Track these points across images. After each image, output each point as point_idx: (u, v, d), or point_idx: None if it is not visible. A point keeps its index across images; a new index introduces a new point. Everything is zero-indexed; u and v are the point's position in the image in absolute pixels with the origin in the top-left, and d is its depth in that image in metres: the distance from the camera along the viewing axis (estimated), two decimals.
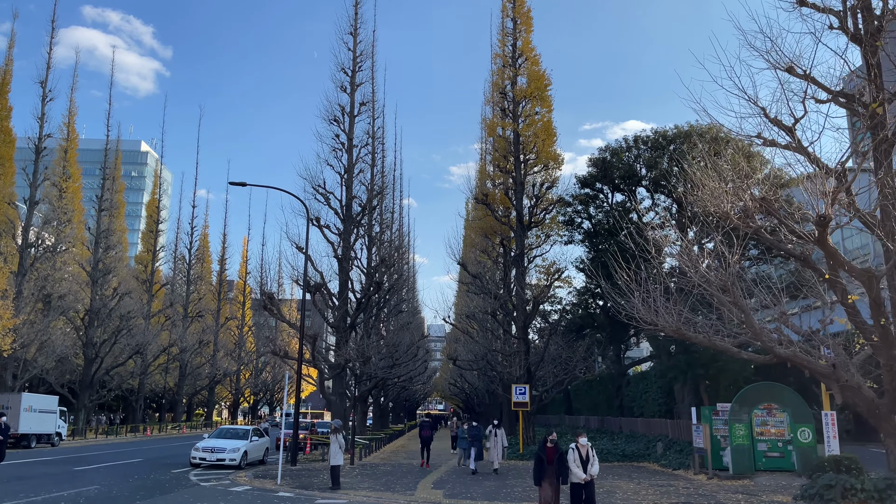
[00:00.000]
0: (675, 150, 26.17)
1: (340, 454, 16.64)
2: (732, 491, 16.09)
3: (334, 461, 16.44)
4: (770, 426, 20.21)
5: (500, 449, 19.83)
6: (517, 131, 30.99)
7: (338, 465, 16.43)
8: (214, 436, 24.02)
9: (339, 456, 16.56)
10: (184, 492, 15.67)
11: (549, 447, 11.86)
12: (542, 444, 12.01)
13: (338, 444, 16.52)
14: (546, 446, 11.91)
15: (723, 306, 15.34)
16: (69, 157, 50.48)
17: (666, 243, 15.90)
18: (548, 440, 11.95)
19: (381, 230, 38.68)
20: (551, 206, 30.91)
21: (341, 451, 16.64)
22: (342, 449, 16.77)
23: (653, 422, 27.51)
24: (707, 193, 15.89)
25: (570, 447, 11.58)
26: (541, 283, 30.75)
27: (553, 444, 11.86)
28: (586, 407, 42.67)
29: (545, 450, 11.88)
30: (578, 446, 11.49)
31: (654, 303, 16.48)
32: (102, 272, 45.76)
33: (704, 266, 14.23)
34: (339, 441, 16.65)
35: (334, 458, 16.46)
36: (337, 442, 16.54)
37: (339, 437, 16.74)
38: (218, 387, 70.57)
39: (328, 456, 17.45)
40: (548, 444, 11.89)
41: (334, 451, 16.47)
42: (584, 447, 11.49)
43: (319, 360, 26.85)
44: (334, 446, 16.47)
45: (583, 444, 11.51)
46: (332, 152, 30.77)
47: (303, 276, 23.99)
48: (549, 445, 11.87)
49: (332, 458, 16.50)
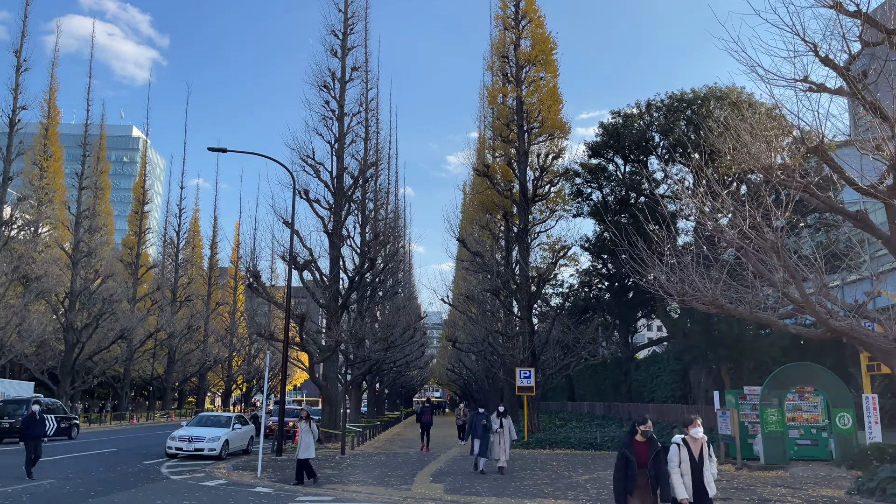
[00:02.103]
0: (692, 115, 24.16)
1: (312, 445, 14.46)
2: (770, 483, 14.25)
3: (304, 453, 14.22)
4: (803, 411, 18.44)
5: (507, 442, 16.31)
6: (520, 97, 28.90)
7: (307, 459, 14.22)
8: (193, 424, 22.13)
9: (310, 447, 14.39)
10: (148, 487, 13.77)
11: (640, 442, 7.25)
12: (628, 437, 7.36)
13: (309, 433, 14.43)
14: (634, 440, 7.27)
15: (761, 277, 13.44)
16: (50, 134, 48.38)
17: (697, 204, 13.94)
18: (638, 430, 7.26)
19: (375, 208, 36.68)
20: (557, 178, 28.90)
21: (313, 441, 14.55)
22: (315, 438, 14.75)
23: (666, 407, 25.72)
24: (743, 148, 13.94)
25: (675, 441, 7.28)
26: (545, 261, 28.85)
27: (647, 438, 7.25)
28: (590, 393, 40.92)
29: (633, 445, 7.24)
30: (689, 440, 7.22)
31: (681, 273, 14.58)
32: (84, 253, 43.59)
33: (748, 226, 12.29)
34: (312, 430, 14.55)
35: (305, 449, 14.31)
36: (309, 431, 14.44)
37: (312, 425, 14.61)
38: (210, 374, 68.68)
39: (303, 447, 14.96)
40: (637, 438, 7.25)
41: (305, 441, 14.34)
42: (697, 442, 7.22)
43: (308, 343, 24.92)
44: (305, 437, 14.37)
45: (696, 437, 7.21)
46: (322, 121, 28.62)
47: (289, 250, 22.00)
48: (639, 439, 7.25)
49: (300, 450, 14.34)
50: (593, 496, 12.45)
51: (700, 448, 7.24)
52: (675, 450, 7.23)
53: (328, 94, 28.64)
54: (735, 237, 12.24)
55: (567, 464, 18.42)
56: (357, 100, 30.35)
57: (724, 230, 12.70)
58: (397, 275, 46.17)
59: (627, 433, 7.46)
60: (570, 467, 17.49)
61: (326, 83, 28.68)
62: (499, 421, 16.35)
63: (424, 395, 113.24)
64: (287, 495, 12.58)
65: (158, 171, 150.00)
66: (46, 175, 47.99)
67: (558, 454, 21.52)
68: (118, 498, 12.23)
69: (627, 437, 7.39)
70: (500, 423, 16.34)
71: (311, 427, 14.59)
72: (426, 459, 19.79)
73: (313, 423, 14.81)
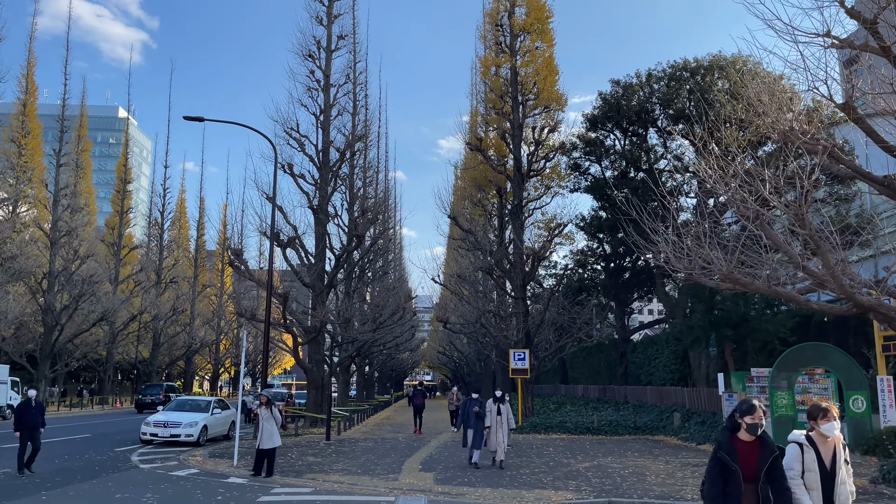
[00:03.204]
0: (694, 86, 22.98)
1: (276, 433, 12.78)
2: None
3: (266, 443, 12.54)
4: (812, 394, 17.44)
5: (505, 431, 14.05)
6: (515, 68, 27.64)
7: (272, 449, 12.62)
8: (170, 408, 21.01)
9: (273, 436, 12.68)
10: (111, 477, 12.65)
11: (746, 441, 4.78)
12: (728, 432, 4.86)
13: (272, 420, 12.86)
14: (735, 438, 4.81)
15: (778, 250, 12.38)
16: (28, 111, 46.70)
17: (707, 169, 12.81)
18: (742, 423, 4.77)
19: (363, 185, 35.44)
20: (553, 152, 27.73)
21: (276, 428, 12.95)
22: (279, 425, 13.19)
23: (665, 390, 24.79)
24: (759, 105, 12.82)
25: (796, 440, 5.00)
26: (540, 239, 27.75)
27: (757, 436, 4.75)
28: (584, 376, 40.05)
29: (734, 446, 4.76)
30: (817, 439, 4.97)
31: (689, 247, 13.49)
32: (63, 232, 42.13)
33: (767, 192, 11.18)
34: (275, 416, 13.00)
35: (267, 438, 12.59)
36: (271, 418, 12.87)
37: (274, 411, 13.05)
38: (197, 357, 67.53)
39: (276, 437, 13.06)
40: (741, 435, 4.79)
41: (267, 430, 12.71)
42: (828, 442, 4.96)
43: (292, 323, 23.78)
44: (267, 424, 12.77)
45: (828, 435, 4.95)
46: (307, 92, 27.28)
47: (270, 224, 20.77)
48: (743, 437, 4.78)
49: (261, 440, 12.56)
50: (596, 487, 11.43)
51: (833, 451, 4.97)
52: (796, 453, 4.93)
53: (313, 63, 27.31)
54: (754, 204, 11.14)
55: (565, 450, 17.44)
56: (343, 70, 29.01)
57: (743, 197, 11.59)
58: (387, 256, 45.06)
59: (726, 429, 4.90)
60: (567, 453, 16.51)
61: (311, 52, 27.33)
62: (496, 407, 14.03)
63: (416, 378, 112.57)
64: (261, 487, 11.49)
65: (146, 153, 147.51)
66: (25, 152, 46.35)
67: (554, 439, 20.56)
68: (74, 490, 11.11)
69: (726, 434, 4.86)
70: (497, 409, 14.03)
71: (274, 413, 13.07)
72: (415, 445, 18.77)
73: (276, 408, 13.34)
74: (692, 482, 11.84)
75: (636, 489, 11.20)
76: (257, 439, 12.85)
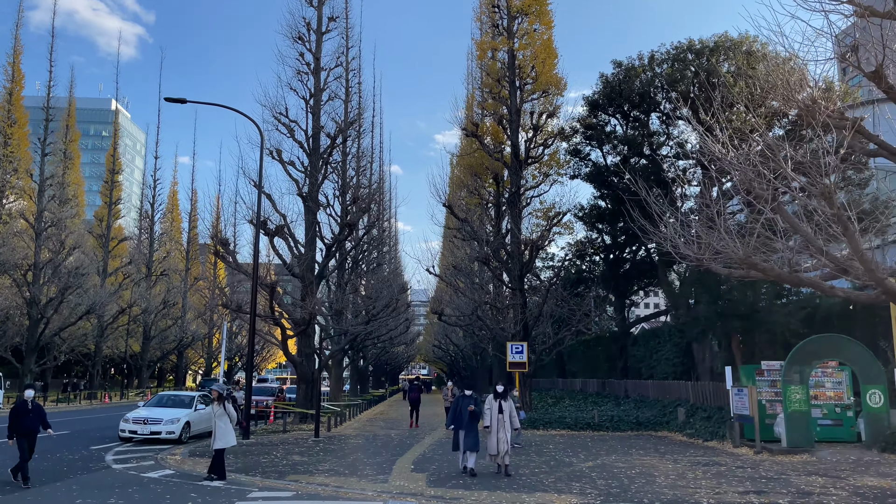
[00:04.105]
0: (697, 70, 22.03)
1: (230, 432, 11.56)
2: (801, 471, 12.42)
3: (219, 442, 11.43)
4: (826, 388, 16.63)
5: (508, 433, 11.99)
6: (512, 51, 26.66)
7: (222, 449, 11.50)
8: (152, 403, 20.05)
9: (227, 435, 11.46)
10: (79, 479, 11.72)
11: None
12: None
13: (225, 417, 11.61)
14: None
15: (797, 232, 11.48)
16: (14, 99, 45.53)
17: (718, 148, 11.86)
18: None
19: (356, 174, 34.41)
20: (551, 139, 26.77)
21: (231, 425, 11.74)
22: (234, 422, 11.91)
23: (668, 384, 23.91)
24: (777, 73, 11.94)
25: None
26: (539, 229, 26.83)
27: None
28: (582, 369, 39.15)
29: None
30: None
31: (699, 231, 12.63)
32: (48, 223, 41.03)
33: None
34: (229, 413, 11.75)
35: (221, 438, 11.43)
36: (225, 415, 11.62)
37: (228, 407, 11.78)
38: (189, 352, 66.47)
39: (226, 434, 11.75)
40: None
41: (221, 428, 11.56)
42: None
43: (281, 315, 22.82)
44: (220, 422, 11.54)
45: None
46: (297, 76, 26.19)
47: (256, 211, 19.78)
48: None
49: (216, 439, 11.48)
50: (602, 489, 10.54)
51: None
52: None
53: (303, 45, 26.26)
54: (775, 181, 10.24)
55: (565, 447, 16.56)
56: (335, 53, 27.90)
57: (761, 173, 10.67)
58: (381, 248, 44.08)
59: None
60: (569, 451, 15.63)
61: (301, 34, 26.27)
62: (497, 404, 12.12)
63: (412, 372, 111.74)
64: (238, 492, 10.56)
65: (139, 146, 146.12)
66: (11, 142, 45.22)
67: (554, 436, 19.68)
68: (33, 495, 10.17)
69: None
70: (498, 406, 12.12)
71: (228, 409, 11.65)
72: (408, 443, 17.86)
73: (230, 404, 12.05)
74: (705, 484, 10.95)
75: (646, 492, 10.31)
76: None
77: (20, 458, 10.97)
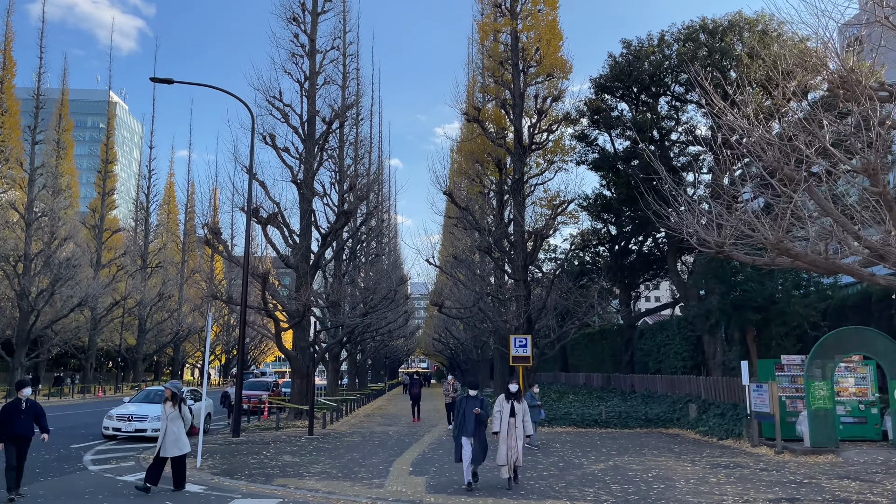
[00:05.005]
0: (714, 46, 21.01)
1: (183, 438, 9.97)
2: (830, 473, 11.49)
3: (170, 449, 9.83)
4: (849, 384, 15.69)
5: (520, 438, 10.34)
6: (516, 32, 25.60)
7: (180, 458, 9.97)
8: (138, 399, 19.14)
9: (179, 441, 9.89)
10: (49, 483, 10.81)
11: None
12: None
13: (179, 420, 10.11)
14: None
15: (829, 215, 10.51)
16: (6, 87, 44.43)
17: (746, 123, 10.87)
18: None
19: (354, 162, 33.40)
20: (556, 124, 25.75)
21: (184, 430, 10.06)
22: (188, 426, 10.14)
23: (678, 379, 22.98)
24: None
25: None
26: (543, 218, 25.85)
27: None
28: (586, 363, 38.24)
29: None
30: None
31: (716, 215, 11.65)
32: (39, 213, 40.06)
33: None
34: (184, 415, 10.05)
35: (171, 444, 9.84)
36: (179, 418, 10.11)
37: (182, 408, 10.25)
38: (186, 345, 65.62)
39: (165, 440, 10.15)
40: None
41: (172, 433, 9.88)
42: None
43: (275, 307, 21.86)
44: (171, 426, 10.04)
45: None
46: (291, 58, 25.21)
47: (247, 197, 18.80)
48: None
49: (165, 444, 9.84)
50: (619, 497, 9.60)
51: None
52: None
53: (297, 27, 25.24)
54: (816, 156, 9.26)
55: (573, 446, 15.64)
56: (331, 35, 26.83)
57: (796, 147, 9.69)
58: (381, 240, 43.13)
59: None
60: (577, 451, 14.71)
61: (295, 15, 25.25)
62: (509, 405, 10.38)
63: (411, 366, 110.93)
64: (218, 498, 9.62)
65: (137, 139, 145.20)
66: (2, 131, 44.21)
67: (560, 433, 18.76)
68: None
69: None
70: (510, 408, 10.37)
71: (182, 411, 10.04)
72: (407, 441, 16.94)
73: (185, 405, 10.24)
74: (731, 490, 10.02)
75: (667, 499, 9.38)
76: (157, 443, 10.09)
77: (6, 466, 9.42)
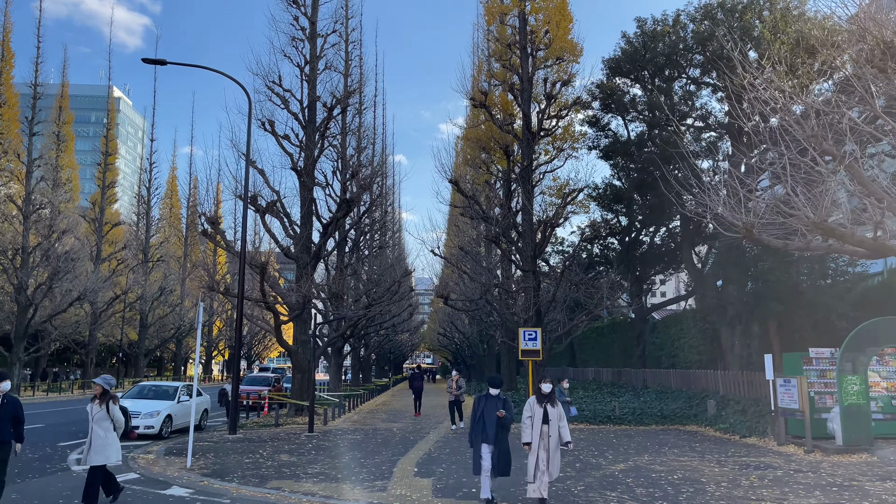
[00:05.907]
0: (732, 25, 20.03)
1: (112, 444, 8.47)
2: (872, 476, 10.60)
3: (97, 457, 8.35)
4: (880, 378, 14.78)
5: (555, 449, 8.40)
6: (524, 14, 24.72)
7: (100, 468, 8.42)
8: (131, 394, 18.36)
9: (107, 448, 8.40)
10: (26, 485, 9.97)
11: None
12: None
13: (108, 422, 8.46)
14: None
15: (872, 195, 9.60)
16: (4, 79, 43.74)
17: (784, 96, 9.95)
18: None
19: (357, 152, 32.51)
20: (566, 110, 24.85)
21: (118, 432, 8.59)
22: (119, 430, 8.61)
23: (694, 374, 22.10)
24: None
25: None
26: (552, 207, 24.96)
27: None
28: (595, 358, 37.37)
29: None
30: None
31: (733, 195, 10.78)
32: (37, 206, 39.32)
33: None
34: (114, 417, 8.51)
35: (98, 451, 8.36)
36: (108, 419, 8.46)
37: (112, 409, 8.74)
38: (189, 340, 64.91)
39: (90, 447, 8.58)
40: None
41: (98, 437, 8.39)
42: None
43: (274, 300, 21.02)
44: (98, 429, 8.39)
45: None
46: (291, 42, 24.32)
47: (243, 184, 17.94)
48: None
49: (91, 452, 8.39)
50: (646, 502, 8.73)
51: None
52: None
53: (297, 9, 24.33)
54: (863, 126, 8.37)
55: (589, 444, 14.79)
56: (332, 17, 25.94)
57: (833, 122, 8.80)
58: (385, 232, 42.28)
59: None
60: (594, 450, 13.85)
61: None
62: (541, 410, 8.37)
63: (415, 361, 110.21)
64: (207, 501, 8.79)
65: (140, 134, 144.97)
66: (1, 123, 43.49)
67: (573, 430, 17.66)
68: None
69: None
70: (543, 413, 8.35)
71: (112, 413, 8.53)
72: (411, 439, 16.10)
73: (115, 406, 8.63)
74: (767, 494, 9.13)
75: (693, 502, 8.51)
76: (83, 451, 8.73)
77: None
